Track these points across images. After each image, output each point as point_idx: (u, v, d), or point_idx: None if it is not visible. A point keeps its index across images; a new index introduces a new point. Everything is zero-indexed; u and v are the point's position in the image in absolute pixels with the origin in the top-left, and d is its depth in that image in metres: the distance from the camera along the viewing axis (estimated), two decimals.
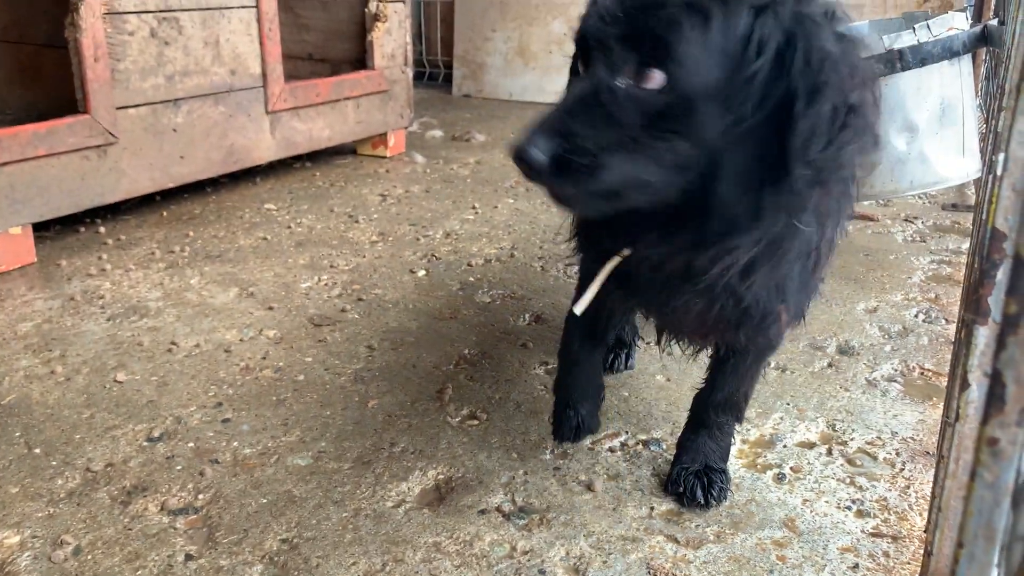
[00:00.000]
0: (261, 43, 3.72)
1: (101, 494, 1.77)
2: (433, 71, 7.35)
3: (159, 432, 2.00)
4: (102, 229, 3.39)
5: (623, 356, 2.32)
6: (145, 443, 1.95)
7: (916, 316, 2.69)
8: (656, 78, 1.18)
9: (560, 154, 1.20)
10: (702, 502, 1.74)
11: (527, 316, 2.66)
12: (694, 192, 1.25)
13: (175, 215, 3.60)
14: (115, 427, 2.02)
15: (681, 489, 1.76)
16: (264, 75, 3.77)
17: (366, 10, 4.47)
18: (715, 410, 1.81)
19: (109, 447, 1.93)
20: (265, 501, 1.75)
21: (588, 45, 1.24)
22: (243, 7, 3.62)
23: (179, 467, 1.87)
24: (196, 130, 3.51)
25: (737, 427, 1.90)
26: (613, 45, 1.20)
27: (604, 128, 1.20)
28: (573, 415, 1.97)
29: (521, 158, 1.21)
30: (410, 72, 4.73)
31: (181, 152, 3.46)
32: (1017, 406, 0.51)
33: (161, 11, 3.28)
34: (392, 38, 4.53)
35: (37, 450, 1.92)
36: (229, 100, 3.64)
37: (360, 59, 4.55)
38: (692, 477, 1.77)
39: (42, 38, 3.64)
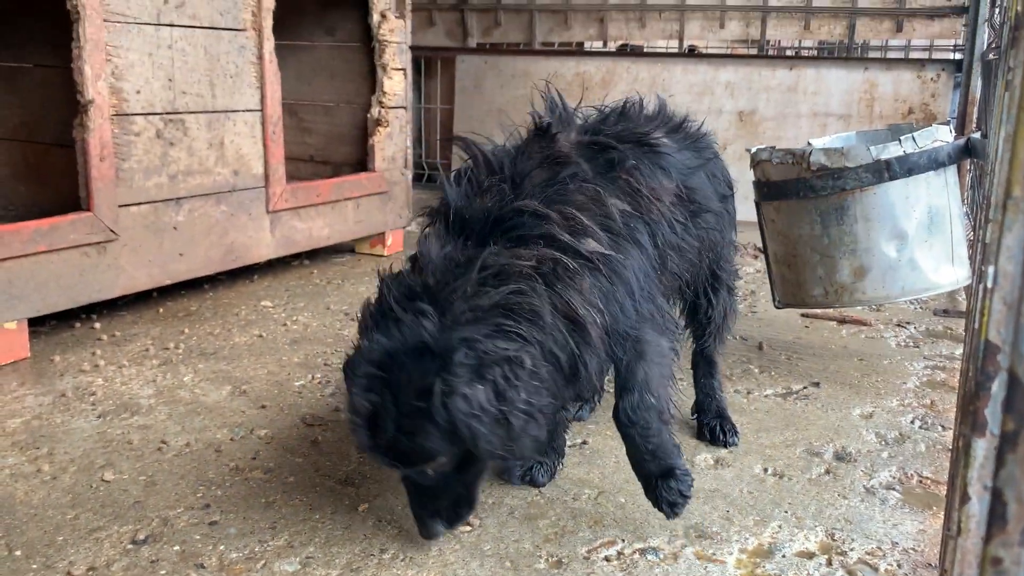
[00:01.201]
0: (265, 145, 3.81)
1: None
2: (432, 173, 7.50)
3: (144, 534, 1.95)
4: (97, 325, 3.38)
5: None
6: (129, 546, 1.91)
7: (912, 422, 2.67)
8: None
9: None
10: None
11: None
12: None
13: (171, 311, 3.61)
14: (99, 528, 1.97)
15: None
16: (266, 176, 3.85)
17: (368, 115, 4.60)
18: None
19: (92, 550, 1.88)
20: None
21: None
22: (248, 111, 3.72)
23: (163, 572, 1.81)
24: (196, 228, 3.56)
25: (736, 537, 1.86)
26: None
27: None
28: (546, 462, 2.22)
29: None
30: (409, 174, 4.83)
31: (180, 249, 3.50)
32: (1019, 525, 0.50)
33: (168, 113, 3.37)
34: (393, 142, 4.65)
35: (18, 552, 1.87)
36: (231, 199, 3.70)
37: (361, 161, 4.65)
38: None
39: (51, 137, 3.73)
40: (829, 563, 1.91)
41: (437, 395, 1.59)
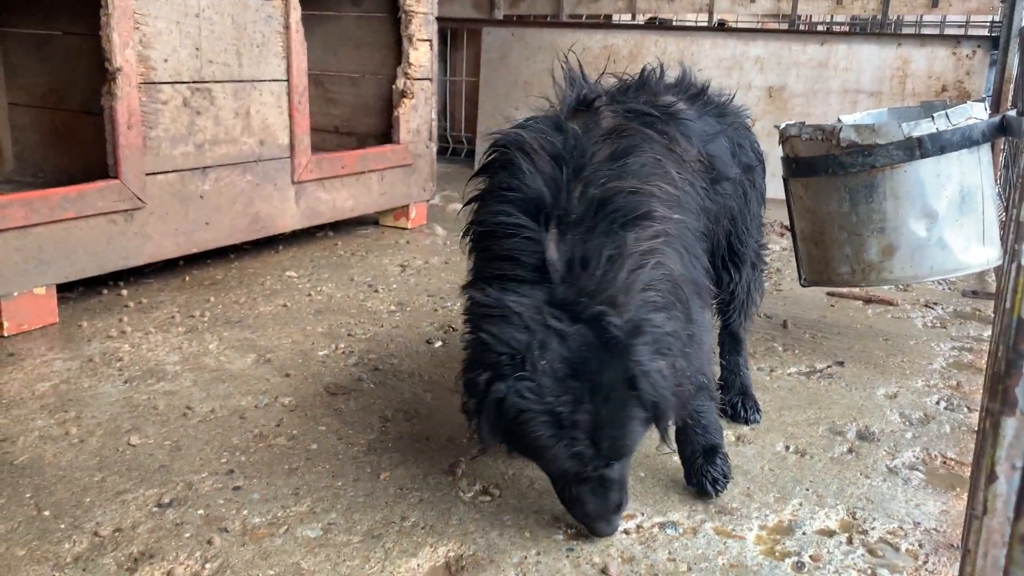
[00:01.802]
0: (290, 115, 3.82)
1: (108, 560, 1.75)
2: (457, 146, 7.49)
3: (169, 498, 1.98)
4: (124, 292, 3.42)
5: None
6: (155, 508, 1.94)
7: (938, 403, 2.65)
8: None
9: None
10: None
11: None
12: None
13: (197, 280, 3.64)
14: (126, 491, 2.00)
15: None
16: (292, 146, 3.85)
17: (394, 87, 4.59)
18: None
19: (118, 511, 1.92)
20: (272, 573, 1.73)
21: None
22: (274, 80, 3.72)
23: (187, 534, 1.84)
24: (223, 197, 3.58)
25: (756, 514, 1.86)
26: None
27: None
28: None
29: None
30: (434, 147, 4.82)
31: (207, 218, 3.52)
32: None
33: (195, 82, 3.38)
34: (418, 114, 4.63)
35: (47, 512, 1.91)
36: (257, 169, 3.72)
37: (386, 133, 4.65)
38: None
39: (79, 105, 3.75)
40: (850, 541, 1.91)
41: (642, 377, 1.61)
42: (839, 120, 3.09)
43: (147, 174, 3.24)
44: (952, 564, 1.83)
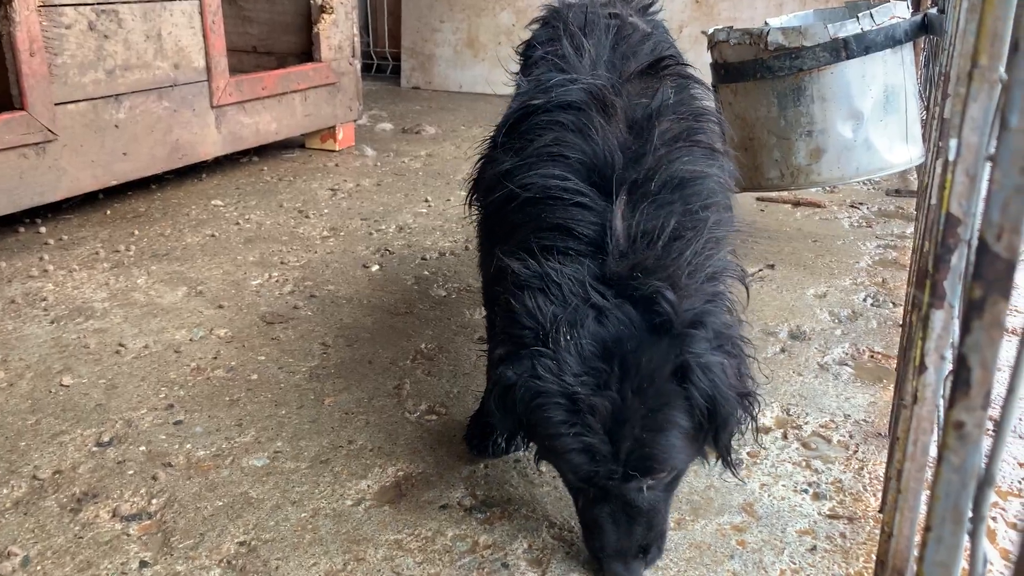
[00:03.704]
0: (205, 36, 3.65)
1: (49, 502, 1.72)
2: (381, 63, 7.28)
3: (109, 436, 1.95)
4: (43, 229, 3.29)
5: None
6: (94, 448, 1.90)
7: (864, 300, 2.74)
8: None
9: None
10: None
11: (482, 310, 2.64)
12: None
13: (119, 213, 3.51)
14: (62, 433, 1.96)
15: None
16: (208, 69, 3.69)
17: (312, 1, 4.41)
18: None
19: (57, 453, 1.88)
20: (221, 504, 1.72)
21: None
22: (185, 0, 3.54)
23: (131, 472, 1.82)
24: (139, 126, 3.43)
25: None
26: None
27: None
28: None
29: None
30: (358, 64, 4.68)
31: (124, 149, 3.38)
32: (982, 390, 0.51)
33: (99, 3, 3.19)
34: (339, 30, 4.47)
35: None
36: (173, 95, 3.56)
37: (306, 52, 4.48)
38: None
39: None
40: (785, 436, 1.98)
41: (698, 370, 1.36)
42: (766, 23, 3.08)
43: (56, 104, 3.08)
44: (880, 452, 1.92)
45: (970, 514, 0.55)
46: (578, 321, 1.37)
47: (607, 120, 1.54)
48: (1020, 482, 1.81)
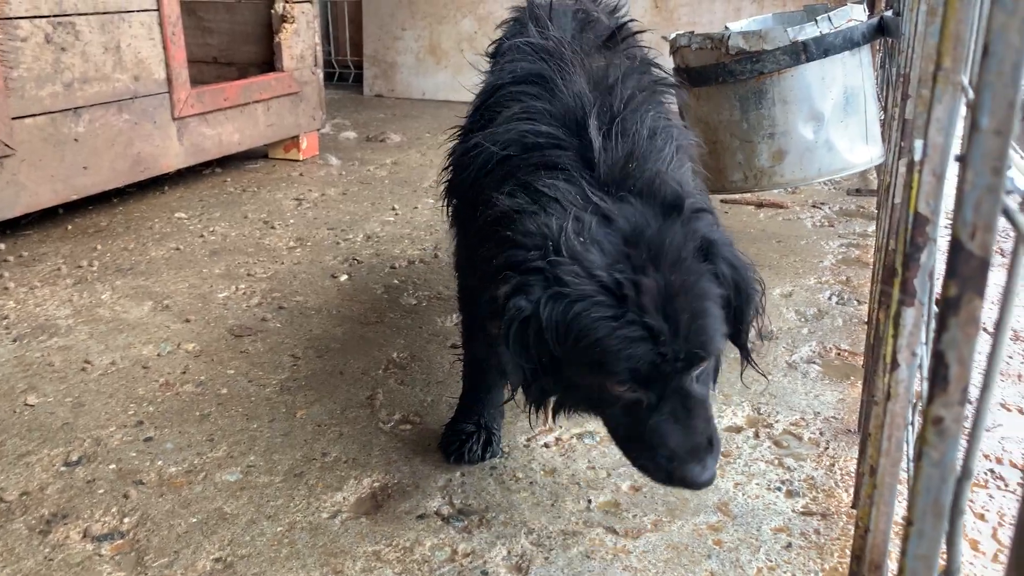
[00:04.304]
0: (165, 47, 3.60)
1: (18, 524, 1.68)
2: (343, 71, 7.25)
3: (77, 455, 1.91)
4: (2, 246, 3.22)
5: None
6: (63, 468, 1.87)
7: (830, 299, 2.78)
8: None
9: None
10: None
11: (455, 316, 2.64)
12: None
13: (81, 228, 3.46)
14: (28, 453, 1.92)
15: None
16: (169, 80, 3.65)
17: (272, 11, 4.38)
18: None
19: (23, 474, 1.84)
20: (195, 520, 1.70)
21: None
22: (144, 11, 3.49)
23: (101, 491, 1.79)
24: (99, 139, 3.38)
25: None
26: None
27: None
28: (482, 432, 1.89)
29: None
30: (320, 73, 4.65)
31: (84, 162, 3.33)
32: (959, 385, 0.53)
33: (56, 15, 3.14)
34: (300, 39, 4.45)
35: None
36: (134, 107, 3.51)
37: (268, 61, 4.45)
38: None
39: None
40: (756, 435, 2.00)
41: (720, 245, 1.37)
42: (727, 28, 3.12)
43: (13, 118, 3.02)
44: (851, 448, 1.95)
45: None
46: (587, 222, 1.33)
47: (568, 79, 1.58)
48: (986, 473, 1.85)
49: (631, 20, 2.08)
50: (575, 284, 1.29)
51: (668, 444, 1.36)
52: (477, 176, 1.59)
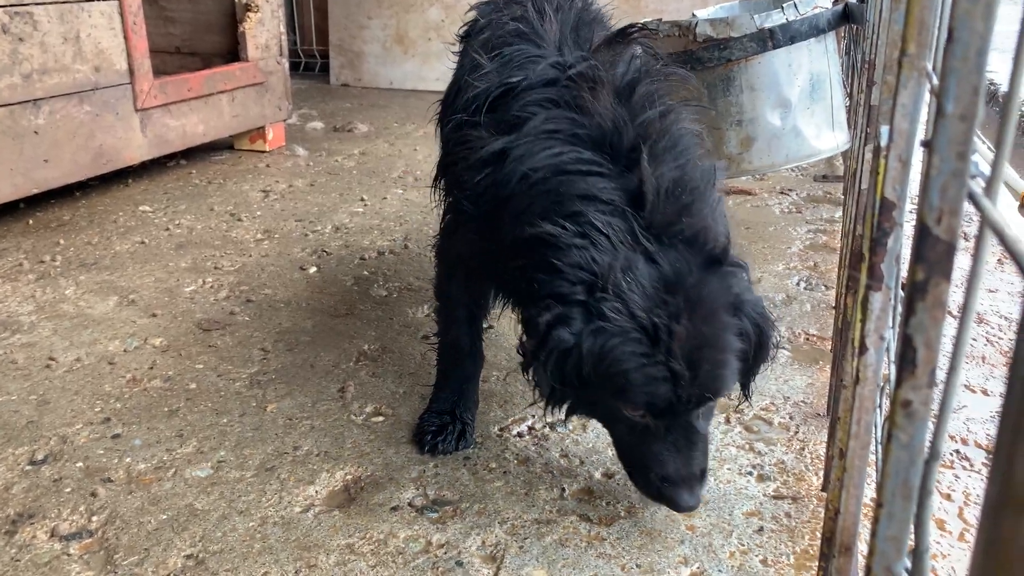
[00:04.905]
0: (126, 38, 3.54)
1: None
2: (309, 61, 7.18)
3: (43, 454, 1.88)
4: None
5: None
6: (28, 467, 1.84)
7: (798, 284, 2.81)
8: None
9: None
10: None
11: (425, 307, 2.63)
12: None
13: (42, 222, 3.40)
14: None
15: None
16: (131, 71, 3.59)
17: (236, 0, 4.32)
18: None
19: None
20: (165, 517, 1.68)
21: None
22: (104, 0, 3.43)
23: (68, 489, 1.76)
24: (60, 132, 3.32)
25: None
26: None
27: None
28: (456, 423, 1.91)
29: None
30: (286, 63, 4.60)
31: (45, 155, 3.26)
32: (927, 368, 0.53)
33: (13, 5, 3.07)
34: (265, 28, 4.39)
35: None
36: (95, 99, 3.45)
37: (232, 51, 4.39)
38: None
39: None
40: (727, 421, 2.02)
41: (749, 304, 1.50)
42: (694, 15, 3.12)
43: None
44: (820, 432, 1.97)
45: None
46: (633, 264, 1.43)
47: (595, 94, 1.59)
48: (952, 454, 1.88)
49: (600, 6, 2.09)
50: (615, 320, 1.41)
51: (666, 469, 1.52)
52: (497, 187, 1.61)
